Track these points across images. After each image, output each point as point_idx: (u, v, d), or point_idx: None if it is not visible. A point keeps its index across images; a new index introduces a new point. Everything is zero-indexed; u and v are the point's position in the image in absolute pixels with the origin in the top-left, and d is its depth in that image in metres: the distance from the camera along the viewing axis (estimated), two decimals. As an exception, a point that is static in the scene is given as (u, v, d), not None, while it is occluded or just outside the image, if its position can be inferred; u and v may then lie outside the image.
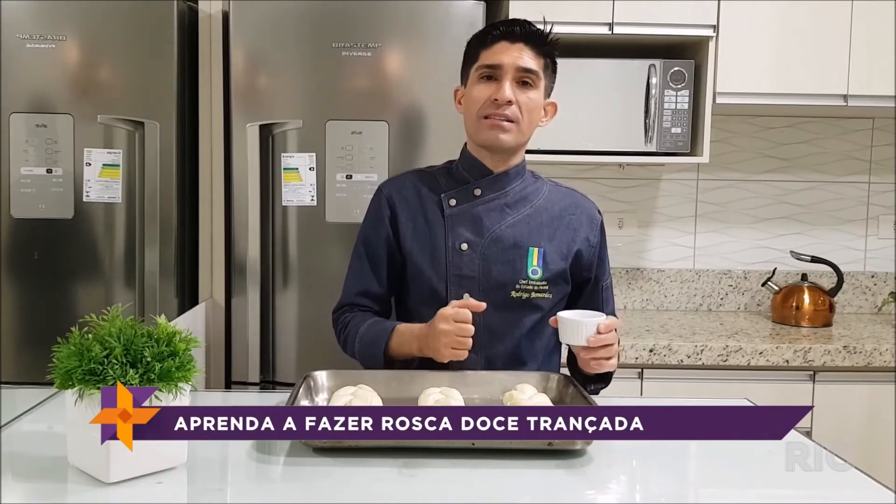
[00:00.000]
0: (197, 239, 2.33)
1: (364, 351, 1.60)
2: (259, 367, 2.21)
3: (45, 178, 2.18)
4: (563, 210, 1.66)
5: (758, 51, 2.49)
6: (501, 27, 1.57)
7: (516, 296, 1.60)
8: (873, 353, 2.32)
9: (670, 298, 2.93)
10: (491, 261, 1.59)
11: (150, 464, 1.08)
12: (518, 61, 1.55)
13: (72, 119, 2.17)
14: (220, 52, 2.27)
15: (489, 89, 1.55)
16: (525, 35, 1.56)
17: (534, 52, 1.57)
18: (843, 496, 1.12)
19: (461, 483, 1.10)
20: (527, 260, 1.60)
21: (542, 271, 1.61)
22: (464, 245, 1.60)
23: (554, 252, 1.62)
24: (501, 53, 1.55)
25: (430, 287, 1.61)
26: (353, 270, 1.70)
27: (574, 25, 2.43)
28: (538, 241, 1.61)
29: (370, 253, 1.67)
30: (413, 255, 1.62)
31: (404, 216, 1.64)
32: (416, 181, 1.67)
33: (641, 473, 1.21)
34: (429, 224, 1.62)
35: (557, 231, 1.64)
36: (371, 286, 1.67)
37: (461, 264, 1.59)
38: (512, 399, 1.35)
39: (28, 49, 2.15)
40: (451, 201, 1.62)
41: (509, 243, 1.60)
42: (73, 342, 1.06)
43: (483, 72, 1.57)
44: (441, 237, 1.61)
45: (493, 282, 1.59)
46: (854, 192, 2.93)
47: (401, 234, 1.64)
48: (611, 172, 2.87)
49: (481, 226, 1.60)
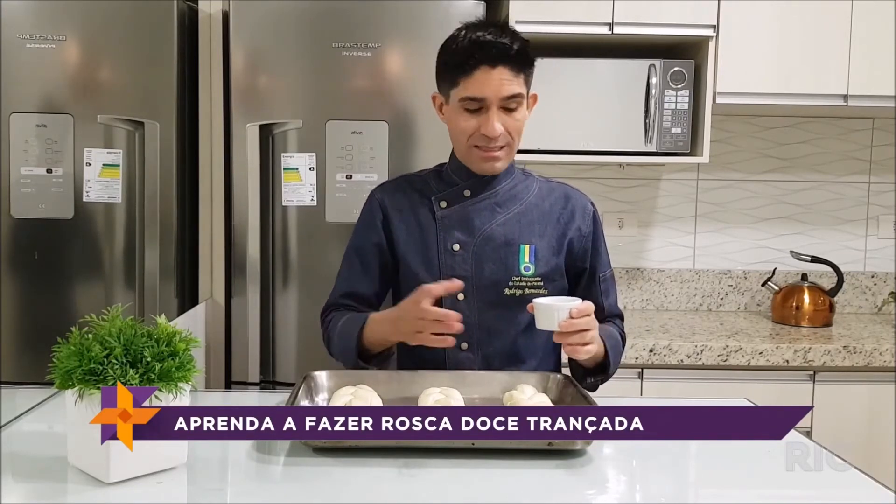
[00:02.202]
0: (197, 239, 2.33)
1: (339, 343, 1.60)
2: (259, 367, 2.22)
3: (45, 178, 2.18)
4: (553, 205, 1.66)
5: (758, 51, 2.49)
6: (477, 53, 1.49)
7: (510, 293, 1.60)
8: (873, 353, 2.32)
9: (670, 298, 2.93)
10: (483, 260, 1.60)
11: (150, 464, 1.08)
12: (501, 90, 1.50)
13: (72, 119, 2.17)
14: (220, 52, 2.27)
15: (475, 121, 1.53)
16: (503, 55, 1.50)
17: (514, 71, 1.51)
18: (843, 496, 1.12)
19: (461, 483, 1.10)
20: (518, 257, 1.61)
21: (535, 267, 1.61)
22: (455, 245, 1.60)
23: (545, 248, 1.62)
24: (483, 84, 1.50)
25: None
26: (342, 274, 1.71)
27: (574, 25, 2.44)
28: (529, 237, 1.62)
29: (361, 257, 1.68)
30: (407, 258, 1.63)
31: (397, 220, 1.65)
32: (407, 186, 1.69)
33: (641, 473, 1.21)
34: (421, 227, 1.63)
35: (548, 227, 1.64)
36: (359, 288, 1.68)
37: (454, 265, 1.60)
38: (512, 399, 1.35)
39: (28, 49, 2.15)
40: (442, 203, 1.63)
41: (500, 241, 1.61)
42: (73, 342, 1.06)
43: (467, 104, 1.53)
44: (433, 239, 1.62)
45: (486, 280, 1.60)
46: (854, 192, 2.93)
47: (394, 238, 1.65)
48: (611, 172, 2.87)
49: (472, 226, 1.61)
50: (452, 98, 1.56)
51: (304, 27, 2.19)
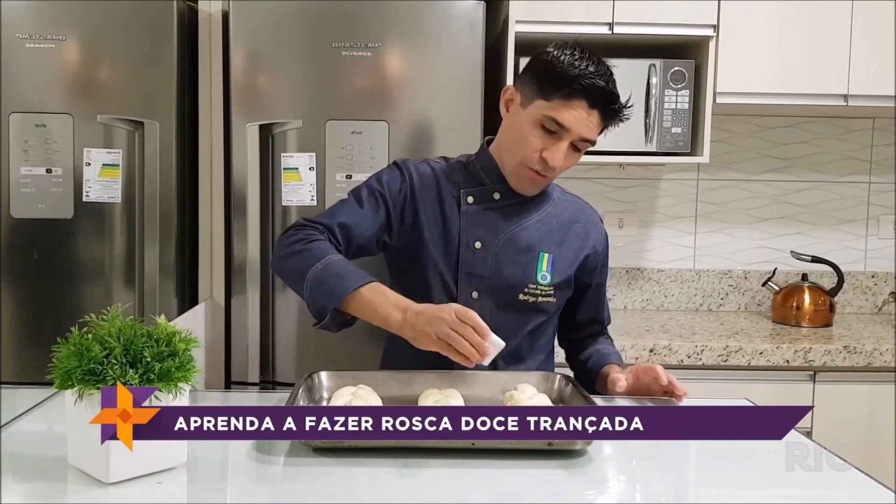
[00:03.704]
0: (197, 239, 2.33)
1: (324, 277, 1.43)
2: (259, 367, 2.21)
3: (44, 178, 2.18)
4: (572, 217, 1.67)
5: (758, 51, 2.49)
6: (587, 89, 1.46)
7: (524, 299, 1.60)
8: (873, 353, 2.32)
9: (670, 298, 2.92)
10: (503, 262, 1.59)
11: (150, 464, 1.08)
12: (585, 132, 1.49)
13: (71, 119, 2.17)
14: (220, 52, 2.27)
15: (544, 142, 1.50)
16: (605, 104, 1.49)
17: (603, 121, 1.51)
18: (843, 496, 1.12)
19: (461, 483, 1.10)
20: (537, 264, 1.60)
21: (551, 277, 1.61)
22: (477, 244, 1.59)
23: (563, 258, 1.63)
24: (574, 118, 1.47)
25: (440, 278, 1.59)
26: (347, 205, 1.59)
27: (574, 25, 2.44)
28: (549, 246, 1.62)
29: (373, 202, 1.57)
30: (429, 245, 1.59)
31: (424, 203, 1.60)
32: (436, 171, 1.64)
33: (641, 473, 1.21)
34: (444, 217, 1.60)
35: (567, 237, 1.64)
36: (361, 229, 1.56)
37: (473, 262, 1.59)
38: (512, 399, 1.35)
39: (28, 49, 2.14)
40: (469, 199, 1.60)
41: (522, 246, 1.60)
42: (73, 342, 1.06)
43: (548, 124, 1.49)
44: (455, 232, 1.59)
45: (503, 282, 1.59)
46: (854, 192, 2.93)
47: (420, 219, 1.59)
48: (611, 172, 2.87)
49: (496, 226, 1.60)
50: (535, 108, 1.51)
51: (304, 27, 2.19)
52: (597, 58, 1.50)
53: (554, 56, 1.50)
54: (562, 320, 1.74)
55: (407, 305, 1.41)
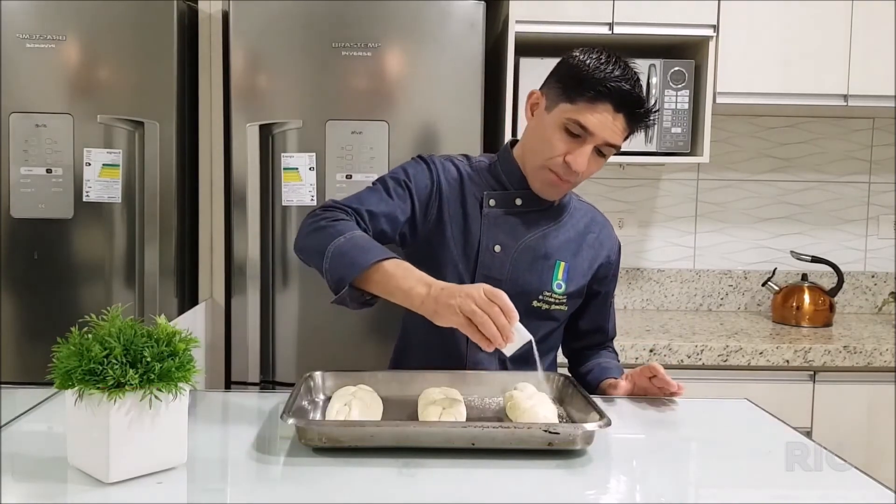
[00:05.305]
0: (197, 239, 2.33)
1: (346, 249, 1.38)
2: (259, 367, 2.21)
3: (44, 177, 2.18)
4: (587, 226, 1.67)
5: (758, 51, 2.49)
6: (612, 92, 1.44)
7: (537, 306, 1.59)
8: (873, 353, 2.32)
9: (670, 298, 2.92)
10: (520, 267, 1.58)
11: (150, 464, 1.08)
12: (610, 137, 1.47)
13: (71, 119, 2.17)
14: (220, 52, 2.27)
15: (568, 145, 1.48)
16: (630, 108, 1.47)
17: (628, 126, 1.49)
18: (843, 496, 1.12)
19: (461, 483, 1.10)
20: (554, 273, 1.60)
21: (566, 286, 1.61)
22: (497, 247, 1.58)
23: (577, 268, 1.62)
24: (599, 121, 1.46)
25: (458, 278, 1.58)
26: (375, 192, 1.55)
27: (574, 25, 2.44)
28: (565, 255, 1.61)
29: (401, 193, 1.55)
30: (450, 244, 1.58)
31: (448, 201, 1.59)
32: (461, 171, 1.62)
33: (641, 473, 1.21)
34: (466, 217, 1.59)
35: (582, 247, 1.64)
36: (388, 219, 1.52)
37: (491, 265, 1.57)
38: (512, 399, 1.35)
39: (28, 49, 2.14)
40: (492, 202, 1.59)
41: (540, 253, 1.59)
42: (73, 342, 1.06)
43: (572, 127, 1.47)
44: (476, 233, 1.58)
45: (518, 288, 1.56)
46: (854, 192, 2.93)
47: (444, 217, 1.58)
48: (611, 172, 2.87)
49: (516, 231, 1.59)
50: (559, 111, 1.49)
51: (304, 27, 2.19)
52: (623, 62, 1.49)
53: (580, 59, 1.48)
54: (565, 327, 1.73)
55: (432, 281, 1.34)
